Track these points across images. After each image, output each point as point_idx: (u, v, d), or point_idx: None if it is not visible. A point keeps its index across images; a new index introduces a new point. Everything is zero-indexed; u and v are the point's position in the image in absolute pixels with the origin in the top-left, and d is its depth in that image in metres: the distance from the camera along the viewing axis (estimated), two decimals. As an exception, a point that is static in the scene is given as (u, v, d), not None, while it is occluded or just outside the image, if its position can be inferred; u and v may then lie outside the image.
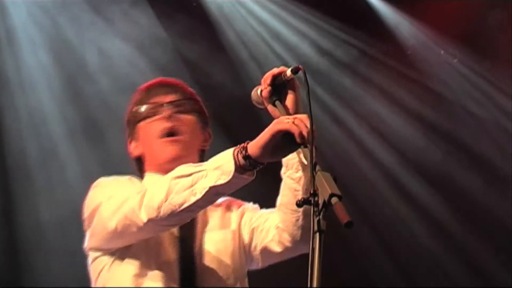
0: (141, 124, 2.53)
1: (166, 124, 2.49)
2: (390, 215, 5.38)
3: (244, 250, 2.52)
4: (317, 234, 1.77)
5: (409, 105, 5.45)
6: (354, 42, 5.52)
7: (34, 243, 4.82)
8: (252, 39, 5.44)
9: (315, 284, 1.71)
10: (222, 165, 2.10)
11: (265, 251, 2.48)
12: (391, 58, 5.52)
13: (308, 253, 1.76)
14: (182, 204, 2.15)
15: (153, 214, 2.18)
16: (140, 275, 2.35)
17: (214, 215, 2.55)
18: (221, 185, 2.10)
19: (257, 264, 2.55)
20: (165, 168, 2.40)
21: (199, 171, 2.14)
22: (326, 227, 1.79)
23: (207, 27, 5.30)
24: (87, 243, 2.47)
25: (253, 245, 2.50)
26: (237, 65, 5.32)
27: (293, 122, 2.01)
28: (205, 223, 2.52)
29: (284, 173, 2.35)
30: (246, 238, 2.52)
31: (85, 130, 5.04)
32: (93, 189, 2.46)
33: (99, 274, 2.43)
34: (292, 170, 2.31)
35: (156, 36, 5.14)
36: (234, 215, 2.57)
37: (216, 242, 2.47)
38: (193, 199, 2.13)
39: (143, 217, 2.20)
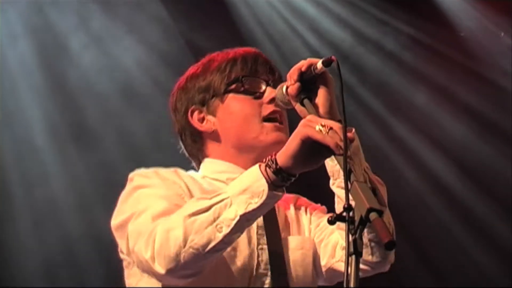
0: (230, 96, 2.51)
1: (272, 108, 2.48)
2: (436, 228, 5.46)
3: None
4: (353, 257, 1.79)
5: (461, 98, 5.46)
6: (395, 22, 5.54)
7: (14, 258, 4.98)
8: (278, 28, 5.49)
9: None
10: (250, 187, 2.11)
11: (332, 271, 2.50)
12: (441, 41, 5.53)
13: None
14: (207, 245, 2.11)
15: (171, 264, 2.14)
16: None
17: (288, 216, 2.56)
18: (253, 210, 2.10)
19: (323, 281, 2.56)
20: (247, 152, 2.46)
21: (220, 201, 2.13)
22: (363, 248, 1.82)
23: (218, 6, 5.34)
24: (122, 249, 2.41)
25: (318, 258, 2.52)
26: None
27: (327, 133, 2.03)
28: (286, 225, 2.51)
29: (333, 184, 2.35)
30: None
31: (71, 132, 5.13)
32: (129, 184, 2.42)
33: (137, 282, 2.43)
34: (341, 179, 2.29)
35: (156, 17, 5.21)
36: (304, 218, 2.59)
37: (293, 250, 2.47)
38: (219, 236, 2.11)
39: (159, 269, 2.16)
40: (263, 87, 2.51)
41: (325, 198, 2.49)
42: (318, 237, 2.53)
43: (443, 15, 5.54)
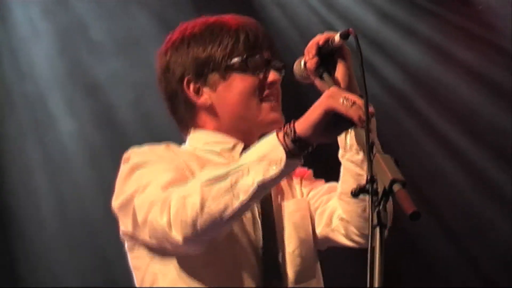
0: (233, 74, 2.50)
1: (271, 91, 2.51)
2: (460, 203, 5.43)
3: None
4: (377, 229, 1.80)
5: (480, 72, 5.42)
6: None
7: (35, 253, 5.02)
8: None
9: (376, 284, 1.75)
10: (267, 154, 2.12)
11: (326, 240, 2.53)
12: (458, 14, 5.49)
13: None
14: (223, 211, 2.13)
15: (188, 231, 2.15)
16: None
17: (280, 182, 2.53)
18: (271, 178, 2.11)
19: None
20: (243, 127, 2.48)
21: (237, 168, 2.15)
22: (388, 220, 1.83)
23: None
24: (127, 232, 2.40)
25: (313, 221, 2.54)
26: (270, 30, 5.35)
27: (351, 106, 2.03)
28: (280, 191, 2.53)
29: (343, 156, 2.39)
30: None
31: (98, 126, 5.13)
32: (124, 165, 2.42)
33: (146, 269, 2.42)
34: (352, 152, 2.36)
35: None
36: (296, 182, 2.61)
37: (291, 214, 2.49)
38: (236, 203, 2.13)
39: (177, 238, 2.17)
40: (265, 66, 2.50)
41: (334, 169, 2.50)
42: (313, 204, 2.55)
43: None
